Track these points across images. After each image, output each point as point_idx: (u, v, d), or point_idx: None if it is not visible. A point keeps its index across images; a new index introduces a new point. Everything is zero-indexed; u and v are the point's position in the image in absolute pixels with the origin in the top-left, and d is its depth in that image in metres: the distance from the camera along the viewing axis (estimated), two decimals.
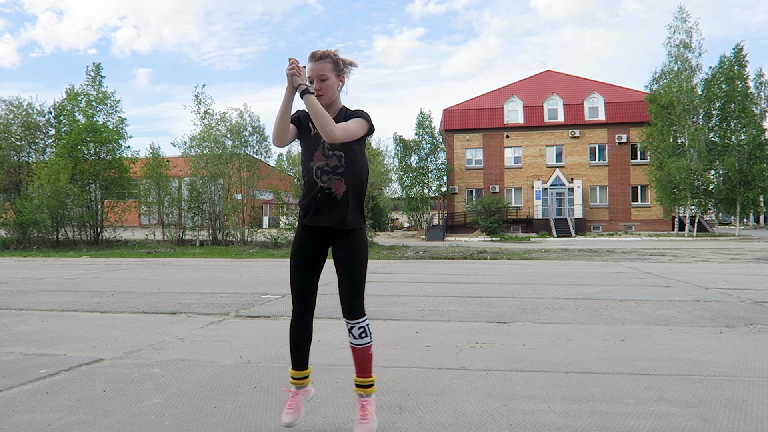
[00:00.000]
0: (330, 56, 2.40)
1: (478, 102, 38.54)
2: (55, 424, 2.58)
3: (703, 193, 31.20)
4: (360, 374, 2.44)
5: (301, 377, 2.54)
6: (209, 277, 9.90)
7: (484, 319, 5.31)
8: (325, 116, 2.20)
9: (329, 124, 2.19)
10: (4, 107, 23.51)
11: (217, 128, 23.69)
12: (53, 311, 5.99)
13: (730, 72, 30.92)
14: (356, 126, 2.31)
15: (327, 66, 2.37)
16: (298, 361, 2.53)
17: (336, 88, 2.40)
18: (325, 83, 2.36)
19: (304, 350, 2.52)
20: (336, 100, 2.43)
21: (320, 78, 2.36)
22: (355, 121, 2.33)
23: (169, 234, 23.48)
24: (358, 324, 2.37)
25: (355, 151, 2.39)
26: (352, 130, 2.29)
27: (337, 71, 2.41)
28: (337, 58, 2.42)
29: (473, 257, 15.14)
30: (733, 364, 3.61)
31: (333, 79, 2.38)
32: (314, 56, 2.38)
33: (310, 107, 2.20)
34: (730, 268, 11.24)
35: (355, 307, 2.37)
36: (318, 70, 2.36)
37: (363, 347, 2.40)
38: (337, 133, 2.21)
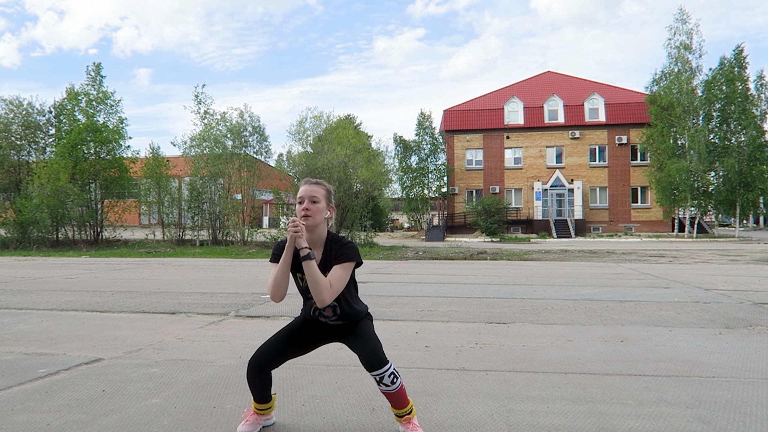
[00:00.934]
0: (325, 185, 2.44)
1: (478, 103, 38.55)
2: (54, 424, 2.58)
3: (703, 194, 31.20)
4: (398, 407, 2.42)
5: (266, 408, 2.53)
6: (209, 277, 9.90)
7: (484, 320, 5.31)
8: (321, 284, 2.25)
9: (323, 292, 2.25)
10: (4, 106, 23.52)
11: (217, 128, 23.70)
12: (53, 311, 5.98)
13: (730, 73, 30.93)
14: (344, 275, 2.33)
15: (321, 191, 2.40)
16: (261, 396, 2.49)
17: (324, 215, 2.39)
18: (315, 205, 2.36)
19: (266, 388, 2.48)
20: (321, 226, 2.41)
21: (312, 199, 2.36)
22: (341, 268, 2.33)
23: (169, 234, 23.48)
24: (387, 372, 2.33)
25: (345, 296, 2.43)
26: (342, 283, 2.33)
27: (328, 200, 2.43)
28: (331, 190, 2.48)
29: (473, 258, 15.14)
30: (733, 365, 3.61)
31: (323, 204, 2.39)
32: (309, 181, 2.43)
33: (309, 273, 2.23)
34: (729, 269, 11.24)
35: (380, 358, 2.35)
36: (311, 191, 2.37)
37: (398, 390, 2.37)
38: (328, 300, 2.28)
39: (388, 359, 2.38)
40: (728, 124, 31.32)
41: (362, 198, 22.68)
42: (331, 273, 2.32)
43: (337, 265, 2.34)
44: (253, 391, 2.46)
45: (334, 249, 2.38)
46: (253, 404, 2.51)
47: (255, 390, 2.46)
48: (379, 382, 2.33)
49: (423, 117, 39.45)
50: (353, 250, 2.38)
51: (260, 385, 2.45)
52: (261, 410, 2.51)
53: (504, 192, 36.78)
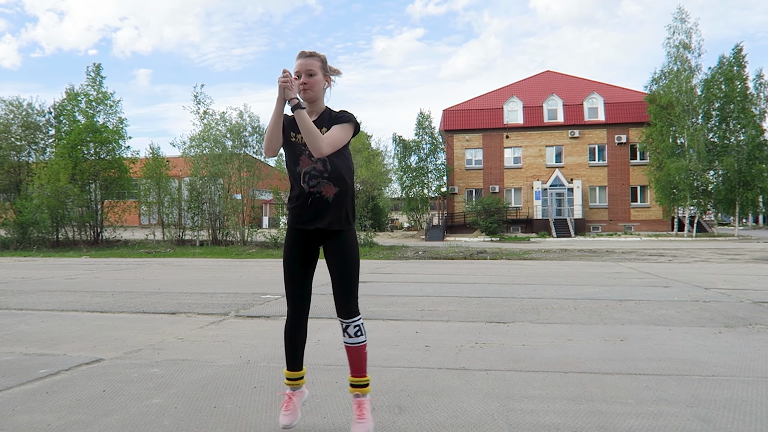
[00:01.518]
0: (319, 56, 2.44)
1: (477, 102, 38.56)
2: (54, 424, 2.58)
3: (703, 193, 31.21)
4: (355, 374, 2.44)
5: (297, 378, 2.55)
6: (209, 277, 9.90)
7: (484, 319, 5.32)
8: (314, 132, 2.22)
9: (318, 140, 2.22)
10: (4, 107, 23.53)
11: (217, 128, 23.70)
12: (53, 311, 5.99)
13: (729, 72, 30.95)
14: (342, 134, 2.32)
15: (316, 63, 2.40)
16: (293, 362, 2.54)
17: (322, 86, 2.41)
18: (312, 78, 2.37)
19: (299, 351, 2.53)
20: (320, 100, 2.43)
21: (308, 73, 2.37)
22: (339, 128, 2.33)
23: (168, 234, 23.48)
24: (353, 323, 2.38)
25: (340, 154, 2.40)
26: (339, 140, 2.30)
27: (324, 71, 2.43)
28: (325, 59, 2.47)
29: (473, 257, 15.15)
30: (732, 364, 3.62)
31: (320, 76, 2.40)
32: (303, 54, 2.42)
33: (301, 122, 2.21)
34: (729, 268, 11.25)
35: (350, 306, 2.38)
36: (307, 65, 2.38)
37: (358, 346, 2.40)
38: (325, 149, 2.24)
39: (360, 312, 2.42)
40: (727, 123, 31.35)
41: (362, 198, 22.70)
42: (329, 132, 2.30)
43: (335, 125, 2.33)
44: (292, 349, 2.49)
45: (333, 117, 2.39)
46: (287, 379, 2.52)
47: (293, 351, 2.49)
48: (344, 331, 2.38)
49: (422, 117, 39.46)
50: (351, 115, 2.38)
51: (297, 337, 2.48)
52: (294, 380, 2.52)
53: (503, 191, 36.78)
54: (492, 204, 31.89)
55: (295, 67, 2.39)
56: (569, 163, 36.22)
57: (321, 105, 2.45)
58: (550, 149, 36.67)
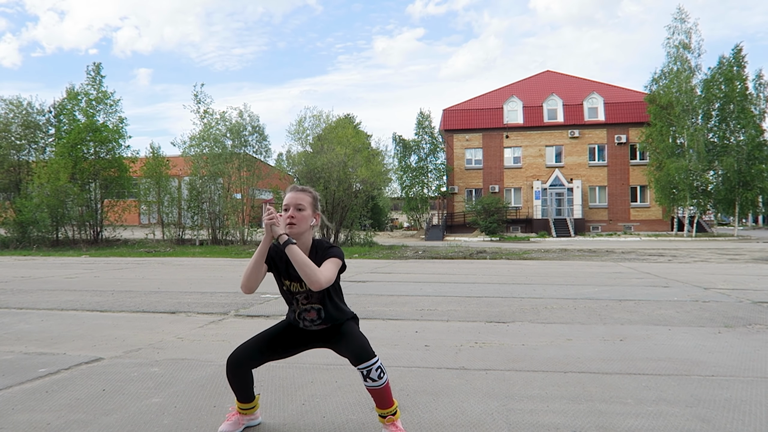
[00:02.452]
0: (311, 192, 2.41)
1: (477, 102, 38.56)
2: (54, 423, 2.58)
3: (702, 193, 31.22)
4: (383, 407, 2.34)
5: (250, 407, 2.49)
6: (209, 276, 9.90)
7: (484, 319, 5.32)
8: (310, 265, 2.19)
9: (316, 274, 2.18)
10: (4, 106, 23.50)
11: (217, 128, 23.71)
12: (53, 310, 5.99)
13: (729, 73, 30.96)
14: (334, 268, 2.30)
15: (307, 198, 2.37)
16: (244, 396, 2.45)
17: (309, 222, 2.36)
18: (300, 213, 2.33)
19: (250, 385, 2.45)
20: (307, 234, 2.38)
21: (297, 207, 2.33)
22: (331, 262, 2.30)
23: (168, 233, 23.48)
24: (374, 366, 2.26)
25: (331, 298, 2.41)
26: (332, 274, 2.28)
27: (314, 207, 2.40)
28: (317, 197, 2.45)
29: (472, 257, 15.15)
30: (732, 364, 3.62)
31: (309, 211, 2.36)
32: (295, 188, 2.40)
33: (295, 257, 2.17)
34: (728, 268, 11.26)
35: (367, 351, 2.29)
36: (297, 199, 2.34)
37: (384, 386, 2.30)
38: (323, 282, 2.20)
39: (376, 354, 2.32)
40: (727, 123, 31.36)
41: (362, 197, 22.69)
42: (323, 266, 2.29)
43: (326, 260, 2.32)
44: (234, 389, 2.42)
45: (320, 253, 2.36)
46: (236, 404, 2.48)
47: (235, 388, 2.42)
48: (366, 377, 2.26)
49: (422, 116, 39.48)
50: (339, 250, 2.36)
51: (241, 384, 2.41)
52: (244, 410, 2.47)
53: (503, 191, 36.79)
54: (492, 204, 31.90)
55: (285, 200, 2.36)
56: (569, 163, 36.22)
57: (308, 240, 2.39)
58: (549, 149, 36.68)
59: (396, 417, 2.37)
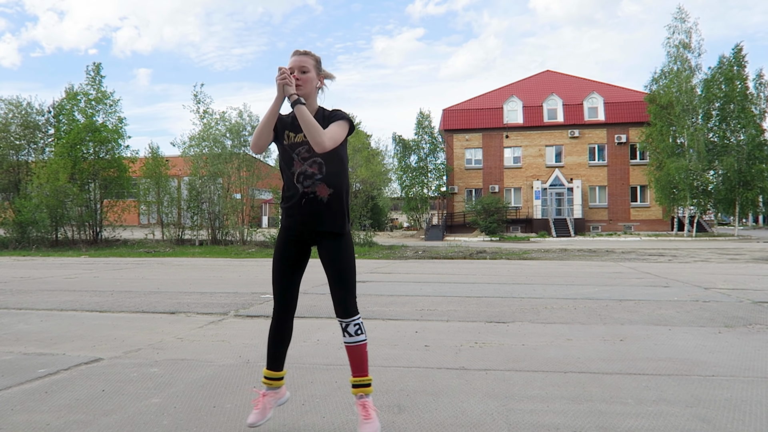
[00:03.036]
0: (313, 55, 2.44)
1: (477, 102, 38.55)
2: (53, 424, 2.57)
3: (702, 193, 31.22)
4: (357, 374, 2.42)
5: (275, 378, 2.53)
6: (208, 276, 9.90)
7: (484, 319, 5.32)
8: (315, 126, 2.20)
9: (320, 134, 2.20)
10: (3, 106, 23.49)
11: (217, 128, 23.69)
12: (52, 311, 5.98)
13: (729, 72, 30.96)
14: (340, 130, 2.31)
15: (309, 61, 2.40)
16: (274, 362, 2.52)
17: (314, 84, 2.40)
18: (305, 75, 2.36)
19: (282, 351, 2.52)
20: (313, 99, 2.42)
21: (301, 69, 2.36)
22: (337, 125, 2.31)
23: (168, 233, 23.47)
24: (353, 321, 2.36)
25: (335, 153, 2.39)
26: (338, 135, 2.29)
27: (317, 69, 2.43)
28: (320, 60, 2.47)
29: (472, 257, 15.15)
30: (732, 364, 3.62)
31: (313, 73, 2.39)
32: (298, 52, 2.43)
33: (302, 117, 2.20)
34: (729, 268, 11.25)
35: (349, 305, 2.37)
36: (300, 62, 2.38)
37: (359, 344, 2.38)
38: (327, 143, 2.21)
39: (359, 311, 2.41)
40: (727, 123, 31.36)
41: (361, 197, 22.68)
42: (328, 127, 2.29)
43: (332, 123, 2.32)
44: (272, 352, 2.48)
45: (326, 116, 2.37)
46: (263, 378, 2.50)
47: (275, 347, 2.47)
48: (344, 330, 2.36)
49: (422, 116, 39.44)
50: (345, 113, 2.38)
51: (281, 338, 2.47)
52: (273, 380, 2.50)
53: (503, 191, 36.79)
54: (492, 204, 31.90)
55: (288, 64, 2.39)
56: (569, 162, 36.22)
57: (314, 104, 2.44)
58: (549, 149, 36.67)
59: (368, 391, 2.40)
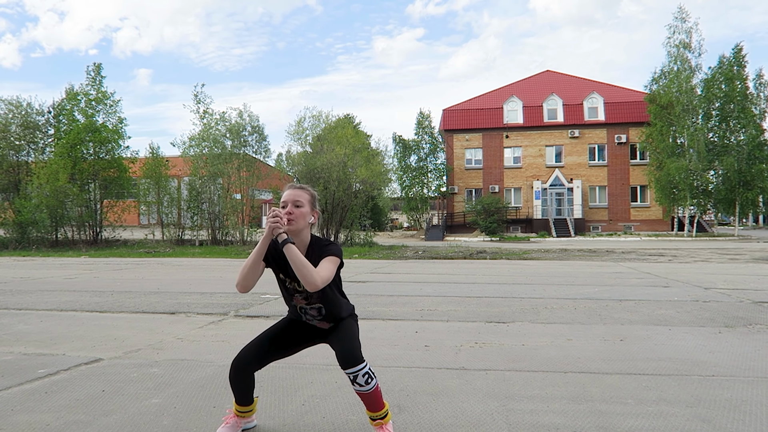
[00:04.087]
0: (310, 190, 2.41)
1: (477, 102, 38.55)
2: (53, 424, 2.57)
3: (703, 193, 31.22)
4: (373, 410, 2.36)
5: (247, 411, 2.48)
6: (208, 276, 9.90)
7: (484, 319, 5.31)
8: (307, 266, 2.17)
9: (312, 275, 2.16)
10: (3, 107, 23.47)
11: (217, 128, 23.69)
12: (52, 311, 5.98)
13: (729, 72, 30.96)
14: (332, 267, 2.28)
15: (305, 195, 2.36)
16: (243, 399, 2.44)
17: (307, 219, 2.35)
18: (298, 209, 2.32)
19: (250, 389, 2.45)
20: (305, 232, 2.37)
21: (295, 203, 2.32)
22: (328, 261, 2.29)
23: (168, 234, 23.47)
24: (361, 372, 2.26)
25: (331, 294, 2.40)
26: (329, 273, 2.26)
27: (312, 205, 2.39)
28: (315, 196, 2.44)
29: (472, 257, 15.14)
30: (732, 364, 3.61)
31: (307, 208, 2.35)
32: (294, 185, 2.40)
33: (293, 258, 2.15)
34: (729, 268, 11.25)
35: (355, 356, 2.28)
36: (295, 196, 2.34)
37: (372, 391, 2.30)
38: (319, 283, 2.19)
39: (365, 359, 2.30)
40: (727, 123, 31.35)
41: (361, 197, 22.67)
42: (320, 266, 2.28)
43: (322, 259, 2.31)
44: (235, 392, 2.42)
45: (317, 251, 2.35)
46: (234, 407, 2.46)
47: (237, 391, 2.41)
48: (353, 381, 2.26)
49: (422, 116, 39.48)
50: (337, 247, 2.36)
51: (243, 386, 2.41)
52: (242, 413, 2.47)
53: (503, 191, 36.79)
54: (492, 204, 31.90)
55: (283, 197, 2.36)
56: (569, 162, 36.22)
57: (306, 238, 2.38)
58: (549, 149, 36.67)
59: (386, 420, 2.37)
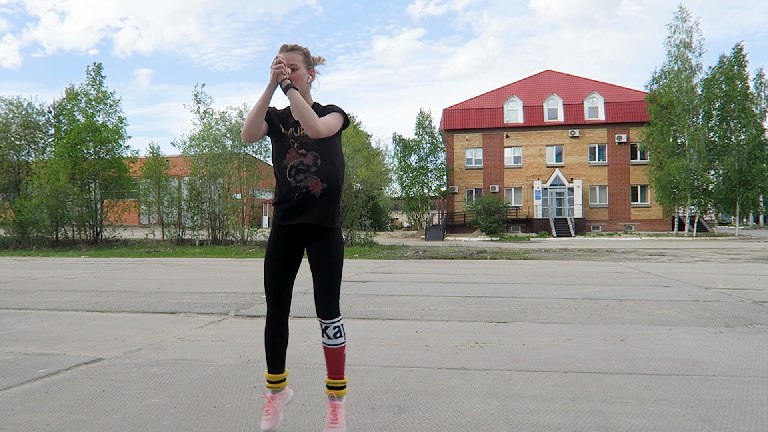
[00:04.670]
0: (300, 49, 2.40)
1: (477, 102, 38.53)
2: (54, 424, 2.57)
3: (703, 193, 31.20)
4: (332, 375, 2.39)
5: (278, 380, 2.48)
6: (209, 276, 9.90)
7: (484, 319, 5.31)
8: (309, 111, 2.16)
9: (314, 118, 2.16)
10: (3, 107, 23.48)
11: (217, 128, 23.69)
12: (52, 311, 5.98)
13: (729, 72, 30.93)
14: (334, 121, 2.28)
15: (298, 57, 2.36)
16: (275, 365, 2.46)
17: (306, 81, 2.36)
18: (295, 73, 2.32)
19: (281, 354, 2.46)
20: (306, 93, 2.39)
21: (291, 67, 2.32)
22: (332, 115, 2.29)
23: (168, 233, 23.47)
24: (333, 323, 2.32)
25: (329, 148, 2.36)
26: (332, 124, 2.26)
27: (307, 64, 2.39)
28: (308, 52, 2.43)
29: (473, 257, 15.14)
30: (733, 363, 3.61)
31: (303, 70, 2.36)
32: (285, 48, 2.38)
33: (295, 102, 2.16)
34: (729, 267, 11.24)
35: (332, 307, 2.32)
36: (289, 59, 2.32)
37: (337, 347, 2.35)
38: (321, 127, 2.18)
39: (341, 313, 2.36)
40: (728, 123, 31.33)
41: (362, 197, 22.68)
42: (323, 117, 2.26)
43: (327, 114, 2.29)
44: (270, 351, 2.42)
45: (319, 111, 2.34)
46: (266, 382, 2.46)
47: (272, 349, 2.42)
48: (323, 332, 2.32)
49: (422, 116, 39.48)
50: (339, 107, 2.35)
51: (278, 340, 2.42)
52: (276, 383, 2.45)
53: (504, 191, 36.77)
54: (492, 203, 31.89)
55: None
56: (569, 162, 36.20)
57: (309, 100, 2.41)
58: (550, 149, 36.65)
59: (342, 393, 2.39)
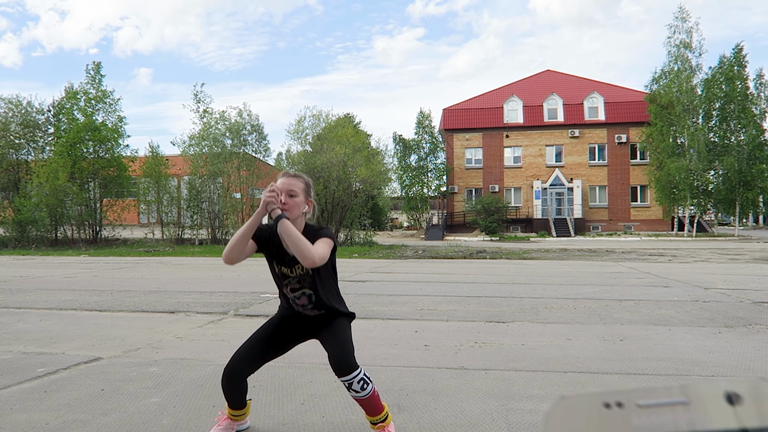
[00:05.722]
0: (304, 178, 2.38)
1: (477, 101, 38.51)
2: (52, 423, 2.57)
3: (703, 193, 31.20)
4: (371, 414, 2.34)
5: (240, 414, 2.46)
6: (208, 276, 9.89)
7: (483, 319, 5.31)
8: (303, 242, 2.12)
9: (309, 250, 2.12)
10: (3, 105, 23.46)
11: (216, 127, 23.68)
12: (51, 310, 5.98)
13: (729, 72, 30.92)
14: (327, 247, 2.25)
15: (299, 184, 2.33)
16: (237, 403, 2.42)
17: (301, 209, 2.31)
18: (292, 199, 2.28)
19: (243, 393, 2.42)
20: (299, 221, 2.33)
21: (289, 193, 2.28)
22: (323, 242, 2.25)
23: (168, 233, 23.46)
24: (356, 378, 2.22)
25: (322, 280, 2.36)
26: (325, 253, 2.22)
27: (307, 193, 2.36)
28: (310, 183, 2.41)
29: (472, 257, 15.14)
30: (732, 364, 3.61)
31: (301, 198, 2.32)
32: (288, 173, 2.36)
33: (287, 233, 2.11)
34: (729, 268, 11.25)
35: (349, 363, 2.24)
36: (289, 185, 2.29)
37: (369, 397, 2.27)
38: (317, 259, 2.14)
39: (359, 365, 2.26)
40: (728, 123, 31.32)
41: (361, 197, 22.67)
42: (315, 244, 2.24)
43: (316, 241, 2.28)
44: (228, 398, 2.39)
45: (310, 237, 2.31)
46: (227, 410, 2.44)
47: (230, 397, 2.39)
48: (349, 388, 2.23)
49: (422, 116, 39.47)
50: (329, 230, 2.34)
51: (236, 393, 2.38)
52: (236, 416, 2.44)
53: (503, 191, 36.76)
54: (492, 203, 31.89)
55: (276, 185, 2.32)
56: (569, 162, 36.20)
57: (299, 226, 2.35)
58: (550, 149, 36.64)
59: (387, 422, 2.35)
